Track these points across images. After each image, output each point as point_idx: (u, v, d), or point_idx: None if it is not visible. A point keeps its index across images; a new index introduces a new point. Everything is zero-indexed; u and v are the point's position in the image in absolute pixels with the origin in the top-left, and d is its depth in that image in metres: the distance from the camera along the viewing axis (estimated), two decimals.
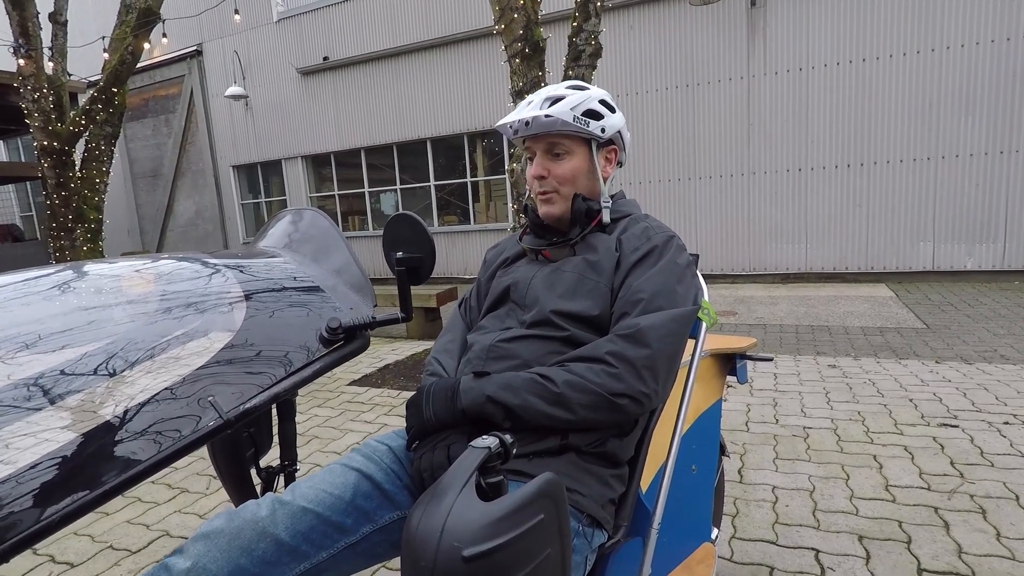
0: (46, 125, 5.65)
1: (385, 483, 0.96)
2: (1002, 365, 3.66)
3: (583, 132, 1.14)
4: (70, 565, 2.05)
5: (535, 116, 1.12)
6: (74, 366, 0.67)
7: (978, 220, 6.84)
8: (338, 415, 3.48)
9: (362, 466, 0.97)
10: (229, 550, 0.78)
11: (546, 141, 1.16)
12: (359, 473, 0.95)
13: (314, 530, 0.85)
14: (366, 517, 0.92)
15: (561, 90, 1.16)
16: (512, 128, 1.16)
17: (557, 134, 1.15)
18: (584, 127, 1.14)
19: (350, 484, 0.93)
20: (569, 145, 1.16)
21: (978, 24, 6.53)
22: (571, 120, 1.12)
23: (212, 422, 0.69)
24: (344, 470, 0.96)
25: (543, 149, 1.18)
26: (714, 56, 7.70)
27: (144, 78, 12.23)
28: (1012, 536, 1.86)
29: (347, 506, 0.90)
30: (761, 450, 2.63)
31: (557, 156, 1.17)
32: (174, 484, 2.65)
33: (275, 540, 0.81)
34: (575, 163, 1.17)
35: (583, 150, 1.18)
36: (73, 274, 0.87)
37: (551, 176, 1.17)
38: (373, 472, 0.97)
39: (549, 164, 1.17)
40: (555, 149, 1.17)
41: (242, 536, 0.79)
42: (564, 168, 1.17)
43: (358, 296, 0.96)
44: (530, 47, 4.09)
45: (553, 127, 1.13)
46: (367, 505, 0.92)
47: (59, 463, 0.59)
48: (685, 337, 1.05)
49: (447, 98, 9.50)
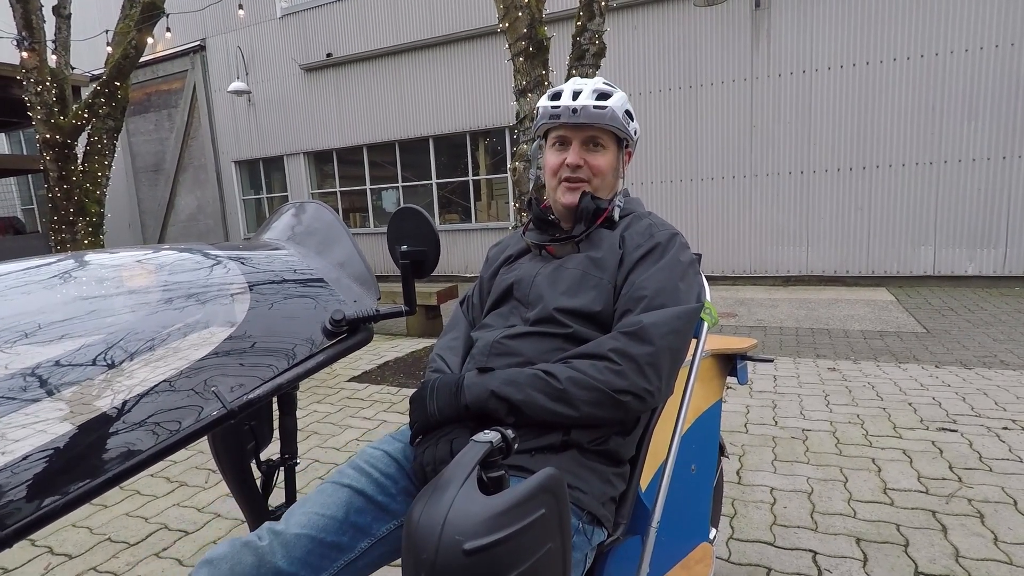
0: (48, 118, 5.65)
1: (378, 495, 0.96)
2: (1002, 370, 3.66)
3: (624, 131, 1.16)
4: (68, 556, 2.05)
5: (585, 105, 1.12)
6: (76, 356, 0.67)
7: (979, 225, 6.83)
8: (337, 411, 3.48)
9: (353, 481, 0.96)
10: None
11: (587, 132, 1.17)
12: (351, 489, 0.95)
13: (311, 554, 0.85)
14: (362, 532, 0.91)
15: (602, 85, 1.17)
16: (554, 112, 1.15)
17: (602, 127, 1.15)
18: (626, 127, 1.16)
19: (342, 502, 0.92)
20: (607, 140, 1.18)
21: (983, 29, 6.52)
22: (620, 116, 1.14)
23: (215, 412, 0.69)
24: (335, 488, 0.95)
25: (582, 139, 1.17)
26: (718, 57, 7.69)
27: (147, 72, 12.23)
28: (1009, 540, 1.86)
29: (341, 525, 0.90)
30: (760, 451, 2.63)
31: (595, 149, 1.18)
32: (173, 477, 2.65)
33: (274, 568, 0.81)
34: (608, 159, 1.19)
35: (615, 147, 1.20)
36: (74, 264, 0.87)
37: (587, 166, 1.17)
38: (365, 486, 0.96)
39: (585, 155, 1.18)
40: (596, 141, 1.17)
41: (243, 564, 0.80)
42: (600, 161, 1.18)
43: (362, 289, 0.96)
44: (534, 46, 4.09)
45: (602, 120, 1.13)
46: (362, 520, 0.92)
47: (60, 451, 0.59)
48: (688, 334, 1.05)
49: (450, 96, 9.50)
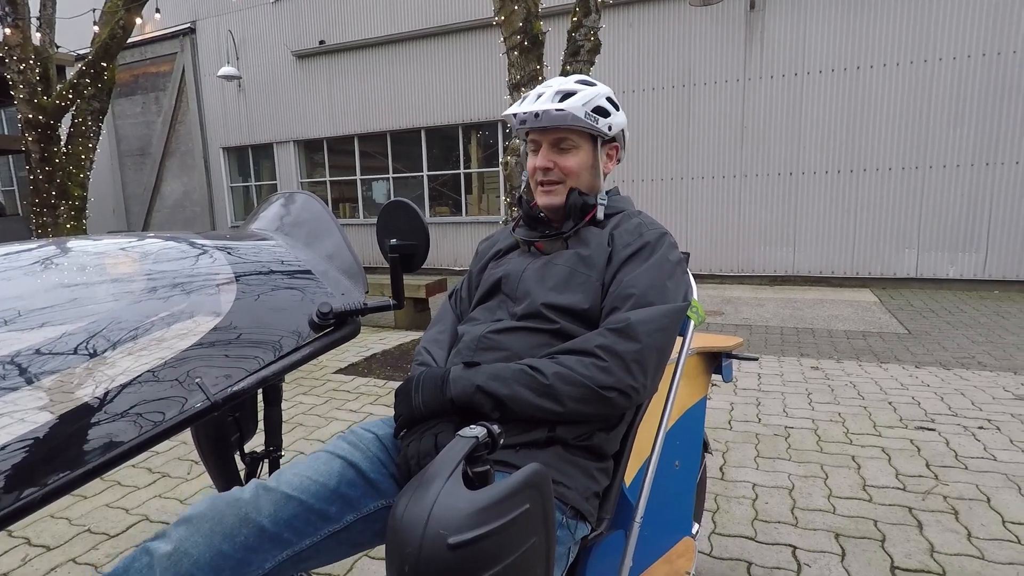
0: (31, 97, 5.53)
1: (370, 472, 0.96)
2: (979, 371, 3.73)
3: (592, 129, 1.15)
4: (46, 548, 2.02)
5: (546, 109, 1.11)
6: (57, 344, 0.66)
7: (962, 230, 6.94)
8: (323, 403, 3.47)
9: (347, 454, 0.97)
10: (211, 535, 0.77)
11: (554, 135, 1.16)
12: (344, 461, 0.95)
13: (297, 517, 0.85)
14: (350, 505, 0.91)
15: (571, 84, 1.16)
16: (519, 118, 1.15)
17: (566, 129, 1.15)
18: (593, 124, 1.14)
19: (335, 472, 0.92)
20: (576, 140, 1.16)
21: (970, 38, 6.61)
22: (582, 116, 1.12)
23: (199, 404, 0.68)
24: (329, 458, 0.95)
25: (550, 142, 1.17)
26: (711, 57, 7.72)
27: (135, 54, 12.01)
28: (982, 536, 1.91)
29: (331, 494, 0.90)
30: (743, 448, 2.66)
31: (563, 150, 1.17)
32: (155, 468, 2.63)
33: (257, 527, 0.81)
34: (580, 158, 1.17)
35: (588, 146, 1.18)
36: (57, 250, 0.85)
37: (556, 168, 1.17)
38: (358, 460, 0.96)
39: (555, 157, 1.17)
40: (562, 143, 1.16)
41: (224, 522, 0.79)
42: (570, 162, 1.17)
43: (350, 282, 0.95)
44: (529, 40, 4.07)
45: (564, 121, 1.13)
46: (351, 493, 0.92)
47: (40, 442, 0.58)
48: (675, 333, 1.05)
49: (443, 88, 9.44)
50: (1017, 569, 1.74)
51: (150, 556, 0.74)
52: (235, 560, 0.78)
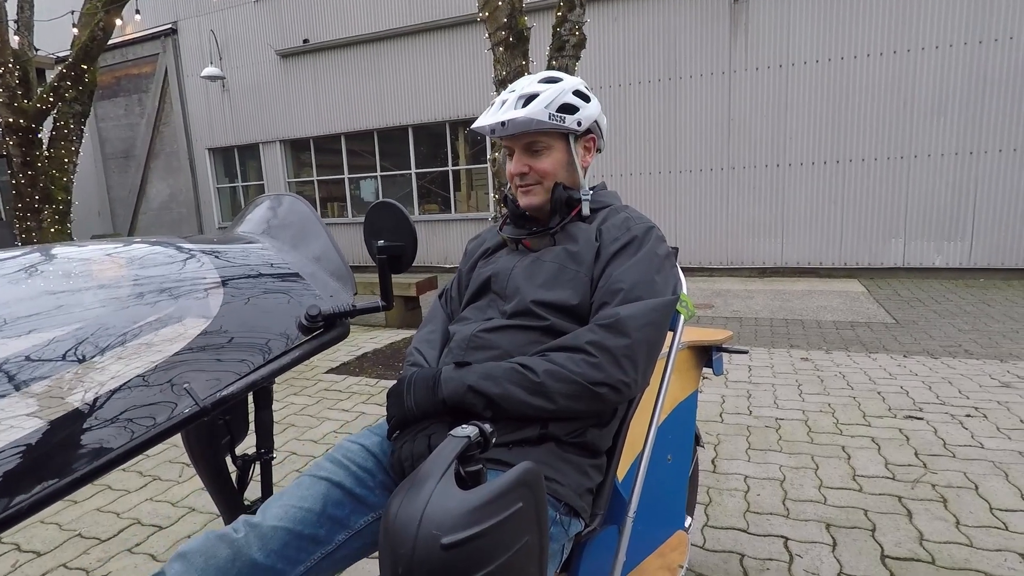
0: (11, 101, 5.45)
1: (356, 488, 0.96)
2: (966, 360, 3.78)
3: (559, 128, 1.14)
4: (36, 554, 2.00)
5: (511, 118, 1.11)
6: (44, 351, 0.65)
7: (947, 219, 7.03)
8: (315, 403, 3.46)
9: (331, 474, 0.96)
10: (205, 570, 0.78)
11: (524, 139, 1.16)
12: (328, 482, 0.95)
13: (288, 546, 0.85)
14: (340, 525, 0.91)
15: (535, 86, 1.15)
16: (488, 129, 1.15)
17: (535, 132, 1.14)
18: (560, 123, 1.13)
19: (319, 495, 0.92)
20: (547, 141, 1.16)
21: (953, 27, 6.67)
22: (546, 119, 1.12)
23: (188, 409, 0.68)
24: (312, 481, 0.95)
25: (522, 147, 1.17)
26: (696, 50, 7.74)
27: (116, 55, 11.85)
28: (971, 524, 1.94)
29: (318, 517, 0.89)
30: (734, 441, 2.68)
31: (536, 152, 1.17)
32: (146, 472, 2.61)
33: (250, 561, 0.81)
34: (555, 157, 1.17)
35: (561, 144, 1.18)
36: (41, 257, 0.84)
37: (532, 171, 1.17)
38: (343, 479, 0.96)
39: (529, 160, 1.17)
40: (534, 147, 1.16)
41: (218, 556, 0.79)
42: (544, 163, 1.17)
43: (338, 283, 0.95)
44: (514, 36, 4.06)
45: (529, 127, 1.12)
46: (339, 513, 0.92)
47: (29, 450, 0.58)
48: (665, 326, 1.06)
49: (429, 85, 9.40)
50: (1005, 555, 1.76)
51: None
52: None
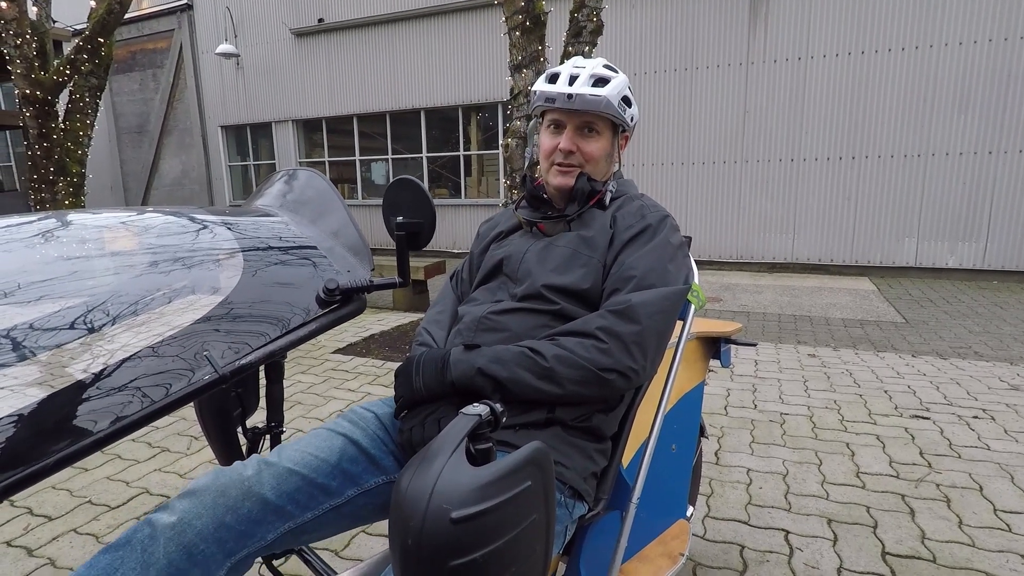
0: (29, 73, 5.46)
1: (371, 448, 0.97)
2: (975, 361, 3.75)
3: (619, 118, 1.15)
4: (48, 518, 2.05)
5: (581, 93, 1.10)
6: (63, 317, 0.66)
7: (962, 219, 6.93)
8: (322, 382, 3.49)
9: (348, 431, 0.98)
10: (214, 507, 0.79)
11: (582, 118, 1.15)
12: (345, 438, 0.96)
13: (300, 491, 0.86)
14: (351, 480, 0.93)
15: (604, 70, 1.14)
16: (548, 96, 1.13)
17: (596, 114, 1.14)
18: (622, 113, 1.15)
19: (336, 448, 0.94)
20: (601, 127, 1.16)
21: (977, 23, 6.53)
22: (615, 104, 1.12)
23: (207, 376, 0.69)
24: (330, 434, 0.96)
25: (576, 125, 1.16)
26: (714, 41, 7.63)
27: (132, 30, 11.84)
28: (973, 524, 1.94)
29: (332, 469, 0.91)
30: (738, 434, 2.69)
31: (588, 135, 1.17)
32: (155, 443, 2.65)
33: (261, 499, 0.82)
34: (602, 144, 1.18)
35: (610, 133, 1.18)
36: (59, 223, 0.84)
37: (579, 152, 1.16)
38: (359, 437, 0.97)
39: (579, 140, 1.16)
40: (590, 128, 1.16)
41: (228, 494, 0.80)
42: (592, 147, 1.17)
43: (355, 259, 0.95)
44: (531, 20, 4.02)
45: (597, 107, 1.12)
46: (353, 469, 0.94)
47: (51, 411, 0.59)
48: (675, 315, 1.06)
49: (443, 68, 9.33)
50: (1007, 556, 1.76)
51: (153, 527, 0.75)
52: (238, 532, 0.79)
